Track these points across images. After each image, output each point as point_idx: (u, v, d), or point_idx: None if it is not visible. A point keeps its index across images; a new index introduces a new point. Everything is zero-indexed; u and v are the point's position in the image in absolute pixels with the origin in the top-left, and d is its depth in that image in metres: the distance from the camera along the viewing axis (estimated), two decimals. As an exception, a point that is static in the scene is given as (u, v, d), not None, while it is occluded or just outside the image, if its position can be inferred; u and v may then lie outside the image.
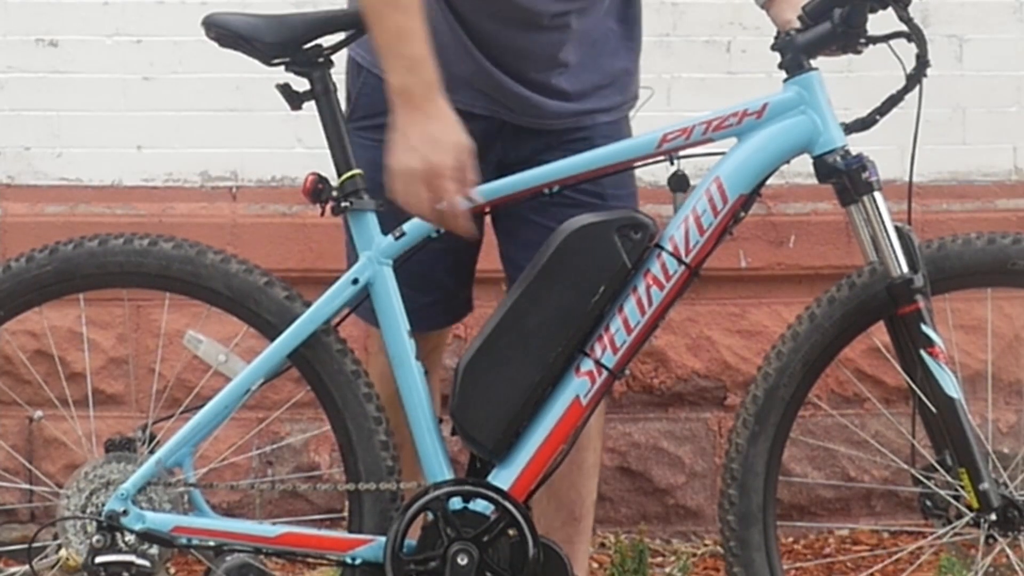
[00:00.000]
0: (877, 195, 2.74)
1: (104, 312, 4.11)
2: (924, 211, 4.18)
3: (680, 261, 2.76)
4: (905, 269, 2.71)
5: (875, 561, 3.99)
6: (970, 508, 2.74)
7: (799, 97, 2.75)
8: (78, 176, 4.26)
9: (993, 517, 2.73)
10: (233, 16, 2.80)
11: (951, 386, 2.71)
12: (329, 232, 3.97)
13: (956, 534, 2.81)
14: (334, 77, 2.86)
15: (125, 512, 2.76)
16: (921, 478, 2.80)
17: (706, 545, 4.23)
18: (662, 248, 2.76)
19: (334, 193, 2.80)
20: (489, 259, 3.09)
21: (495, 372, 2.77)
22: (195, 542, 2.79)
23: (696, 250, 2.76)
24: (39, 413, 3.09)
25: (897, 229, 2.73)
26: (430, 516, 2.77)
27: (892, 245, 2.72)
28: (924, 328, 2.71)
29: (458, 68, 2.81)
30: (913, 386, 2.76)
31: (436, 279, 2.98)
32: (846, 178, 2.74)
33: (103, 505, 2.77)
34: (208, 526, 2.80)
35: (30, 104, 4.25)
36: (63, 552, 2.83)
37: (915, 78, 2.78)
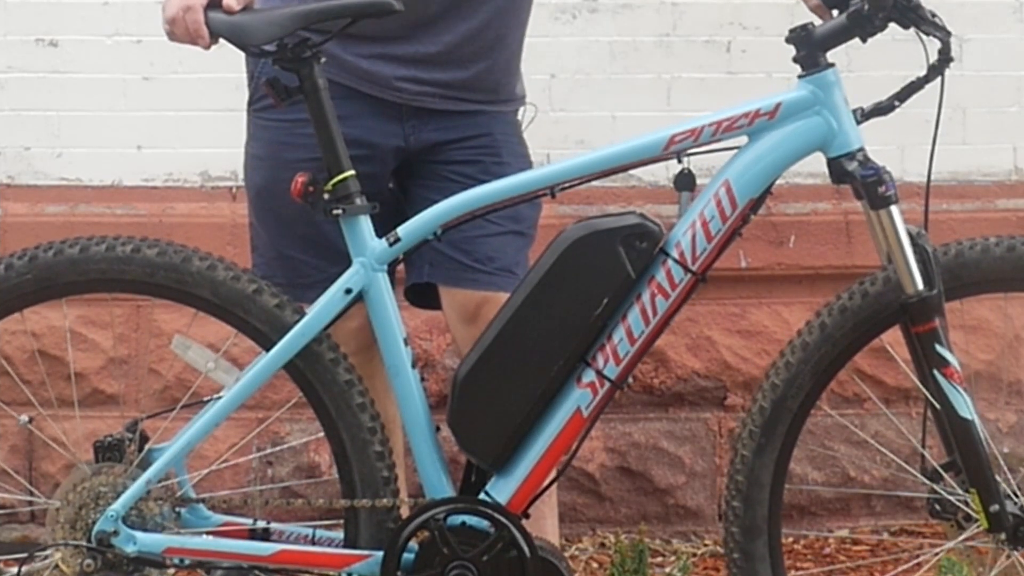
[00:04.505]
0: (894, 209, 2.64)
1: (103, 312, 4.10)
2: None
3: (687, 269, 2.68)
4: (921, 286, 2.63)
5: (875, 562, 3.99)
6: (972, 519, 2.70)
7: (814, 96, 2.66)
8: (78, 176, 4.26)
9: (1003, 536, 2.68)
10: (217, 14, 2.74)
11: (965, 408, 2.64)
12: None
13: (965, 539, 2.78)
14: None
15: (115, 532, 2.72)
16: (929, 482, 2.74)
17: (706, 545, 4.22)
18: (668, 255, 2.68)
19: (325, 196, 2.73)
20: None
21: (494, 384, 2.72)
22: (188, 562, 2.75)
23: (703, 257, 2.68)
24: (24, 418, 3.05)
25: (912, 240, 2.64)
26: (427, 533, 2.73)
27: (907, 261, 2.63)
28: (939, 349, 2.63)
29: None
30: (924, 388, 2.69)
31: None
32: (860, 188, 2.66)
33: (93, 522, 2.73)
34: (201, 546, 2.76)
35: (30, 104, 4.25)
36: (58, 560, 2.79)
37: (938, 69, 2.68)
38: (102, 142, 4.24)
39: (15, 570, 2.80)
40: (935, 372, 2.65)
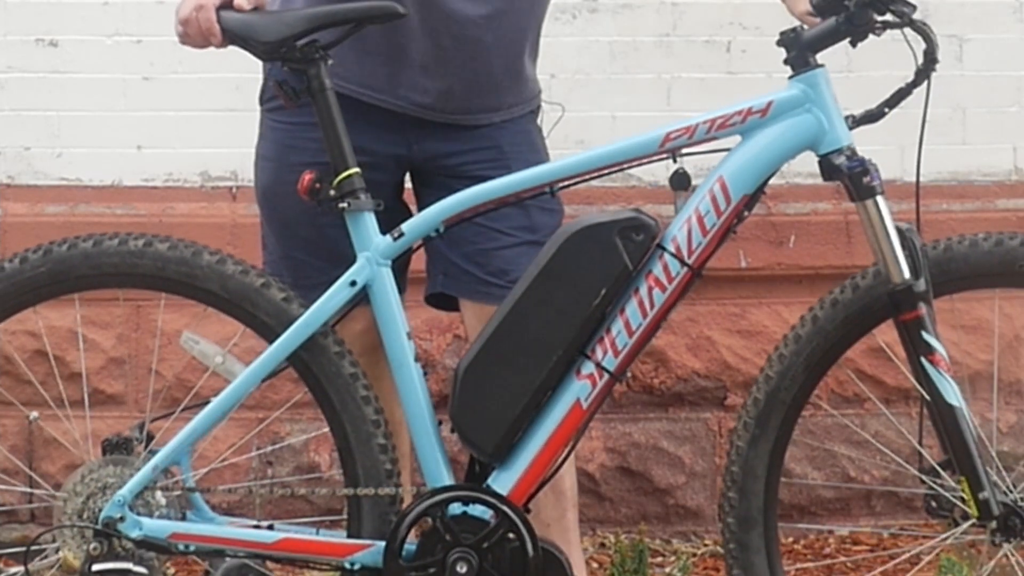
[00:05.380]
0: (879, 199, 2.70)
1: (103, 312, 4.11)
2: (924, 211, 4.12)
3: (683, 263, 2.73)
4: (907, 275, 2.68)
5: (875, 561, 3.99)
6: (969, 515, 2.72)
7: (804, 95, 2.72)
8: (78, 176, 4.26)
9: (994, 525, 2.70)
10: (229, 14, 2.80)
11: (952, 394, 2.68)
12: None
13: (962, 533, 2.79)
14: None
15: (122, 518, 2.75)
16: (926, 479, 2.77)
17: (706, 545, 4.23)
18: (664, 249, 2.73)
19: (332, 192, 2.78)
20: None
21: (495, 376, 2.75)
22: (192, 548, 2.78)
23: (699, 251, 2.73)
24: (34, 414, 3.07)
25: (900, 232, 2.70)
26: (429, 521, 2.75)
27: (894, 250, 2.69)
28: (925, 336, 2.68)
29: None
30: (920, 388, 2.72)
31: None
32: (847, 180, 2.71)
33: (100, 511, 2.76)
34: (206, 532, 2.79)
35: (30, 104, 4.25)
36: (63, 552, 2.81)
37: (924, 73, 2.74)
38: (102, 142, 4.25)
39: (14, 570, 2.81)
40: (922, 359, 2.69)
